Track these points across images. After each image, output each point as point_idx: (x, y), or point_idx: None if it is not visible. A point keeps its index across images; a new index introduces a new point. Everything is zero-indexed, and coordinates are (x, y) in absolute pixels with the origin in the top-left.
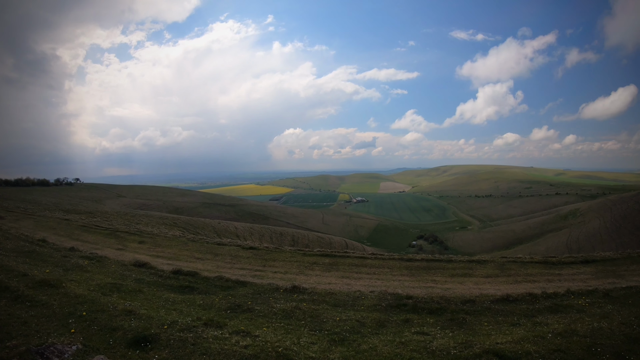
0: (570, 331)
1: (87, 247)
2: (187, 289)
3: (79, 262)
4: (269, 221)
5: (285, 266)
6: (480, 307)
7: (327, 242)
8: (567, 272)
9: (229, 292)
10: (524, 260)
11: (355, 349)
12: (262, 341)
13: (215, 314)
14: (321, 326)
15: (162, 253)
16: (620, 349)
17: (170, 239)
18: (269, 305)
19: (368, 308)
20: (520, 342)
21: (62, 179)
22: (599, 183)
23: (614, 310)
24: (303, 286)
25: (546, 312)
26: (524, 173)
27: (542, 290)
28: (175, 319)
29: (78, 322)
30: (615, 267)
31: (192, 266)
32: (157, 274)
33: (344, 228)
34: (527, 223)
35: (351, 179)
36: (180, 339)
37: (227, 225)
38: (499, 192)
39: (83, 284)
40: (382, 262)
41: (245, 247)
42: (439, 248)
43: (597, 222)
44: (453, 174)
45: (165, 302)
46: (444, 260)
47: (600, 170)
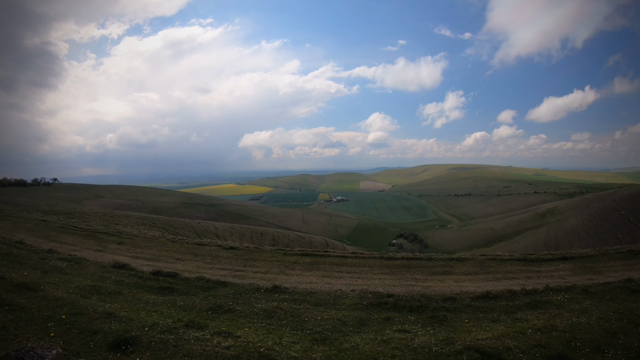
0: (550, 326)
1: (66, 248)
2: (167, 290)
3: (57, 264)
4: (249, 221)
5: (266, 266)
6: (461, 304)
7: (308, 242)
8: (545, 269)
9: (210, 292)
10: (503, 258)
11: (337, 348)
12: (244, 342)
13: (196, 315)
14: (303, 326)
15: (141, 254)
16: (599, 343)
17: (150, 240)
18: (250, 306)
19: (349, 307)
20: (501, 338)
21: (40, 179)
22: (577, 182)
23: (592, 305)
24: (284, 286)
25: (526, 308)
26: (502, 172)
27: (521, 287)
28: (156, 321)
29: (57, 326)
30: (593, 263)
31: (172, 267)
32: (137, 275)
33: (325, 227)
34: (505, 221)
35: (331, 178)
36: (162, 341)
37: (207, 225)
38: (478, 191)
39: (62, 286)
40: (363, 261)
41: (226, 247)
42: (419, 246)
43: (575, 220)
44: (432, 173)
45: (145, 303)
46: (424, 258)
47: (578, 169)
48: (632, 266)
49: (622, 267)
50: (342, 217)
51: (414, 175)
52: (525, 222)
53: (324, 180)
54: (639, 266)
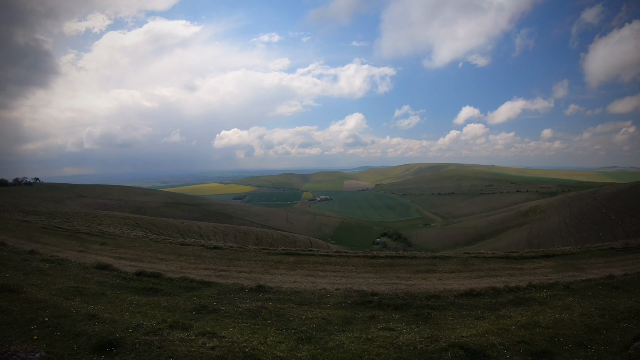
0: (533, 323)
1: (48, 249)
2: (151, 291)
3: (39, 266)
4: (233, 220)
5: (250, 265)
6: (445, 302)
7: (292, 241)
8: (528, 266)
9: (194, 293)
10: (487, 256)
11: (322, 347)
12: (229, 342)
13: (180, 315)
14: (287, 325)
15: (124, 254)
16: (582, 338)
17: (133, 240)
18: (235, 305)
19: (334, 306)
20: (485, 335)
21: (21, 179)
22: (559, 181)
23: (574, 302)
24: (268, 285)
25: (509, 305)
26: (485, 171)
27: (504, 284)
28: (140, 322)
29: (40, 329)
30: (575, 260)
31: (156, 267)
32: (120, 276)
33: (308, 226)
34: (488, 220)
35: (315, 178)
36: (146, 343)
37: (190, 224)
38: (461, 190)
39: (44, 288)
40: (347, 260)
41: (209, 246)
42: (402, 245)
43: (557, 218)
44: (416, 172)
45: (129, 304)
46: (408, 256)
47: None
48: (613, 263)
49: (603, 264)
50: (326, 216)
51: (398, 174)
52: (508, 220)
53: (308, 180)
54: (620, 263)
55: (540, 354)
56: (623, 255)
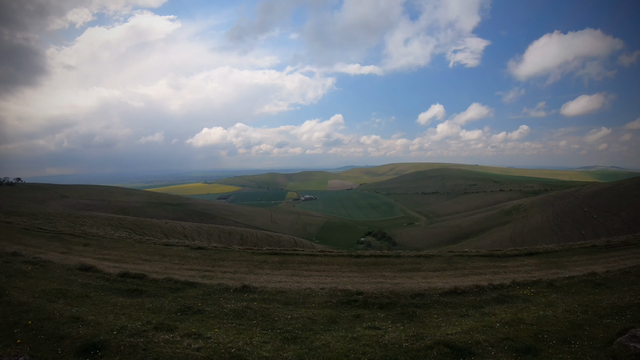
0: (517, 320)
1: (30, 251)
2: (135, 292)
3: (22, 268)
4: (217, 220)
5: (234, 266)
6: (430, 300)
7: (276, 241)
8: (512, 264)
9: (179, 293)
10: (470, 254)
11: (308, 347)
12: (215, 343)
13: (165, 317)
14: (273, 325)
15: (108, 255)
16: (566, 334)
17: (117, 241)
18: (220, 306)
19: (319, 305)
20: (470, 332)
21: (3, 179)
22: (541, 180)
23: (558, 298)
24: (253, 285)
25: (493, 303)
26: (469, 171)
27: (488, 282)
28: (124, 324)
29: (24, 332)
30: (558, 258)
31: (140, 268)
32: (103, 277)
33: (293, 226)
34: (472, 218)
35: (299, 177)
36: (131, 345)
37: (174, 225)
38: (445, 189)
39: (27, 290)
40: (332, 259)
41: (194, 247)
42: (387, 244)
43: (540, 217)
44: (400, 172)
45: (113, 306)
46: (393, 255)
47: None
48: (595, 260)
49: (586, 262)
50: (311, 215)
51: (382, 174)
52: (491, 219)
53: (292, 179)
54: (602, 260)
55: (525, 350)
56: (605, 252)
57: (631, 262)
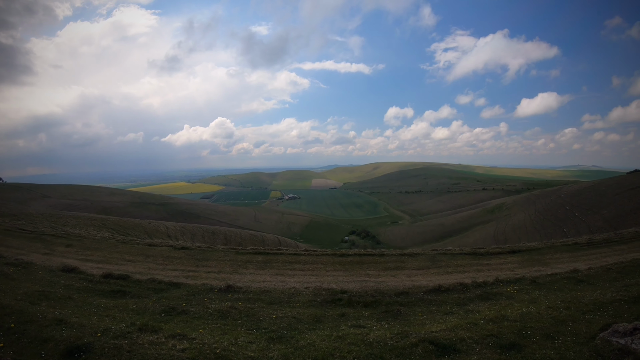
0: (501, 317)
1: (12, 252)
2: (119, 294)
3: (3, 270)
4: (201, 220)
5: (218, 265)
6: (414, 298)
7: (260, 240)
8: (495, 262)
9: (163, 294)
10: (454, 252)
11: (293, 346)
12: (200, 343)
13: (149, 318)
14: (258, 325)
15: (91, 256)
16: (549, 330)
17: (100, 241)
18: (204, 306)
19: (304, 304)
20: (454, 330)
21: None
22: (524, 179)
23: (541, 295)
24: (237, 285)
25: (477, 300)
26: (452, 170)
27: (472, 280)
28: (108, 326)
29: (6, 335)
30: (540, 256)
31: (123, 269)
32: (86, 278)
33: (277, 225)
34: (455, 217)
35: (283, 176)
36: (115, 347)
37: (157, 225)
38: (428, 188)
39: (9, 293)
40: (316, 258)
41: (177, 247)
42: (371, 243)
43: (522, 215)
44: (383, 171)
45: (97, 308)
46: (377, 254)
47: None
48: (577, 258)
49: (568, 259)
50: (294, 214)
51: (365, 173)
52: (474, 217)
53: (276, 178)
54: (584, 258)
55: (509, 346)
56: (587, 250)
57: (612, 259)
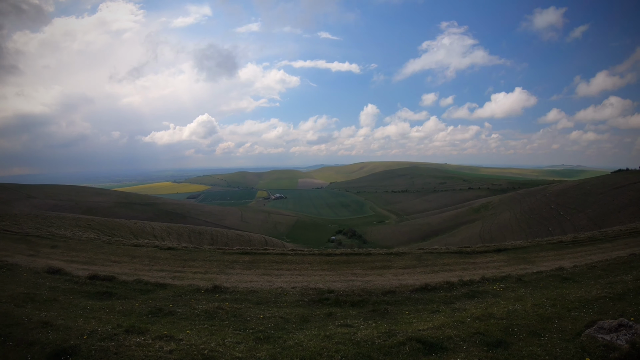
0: (488, 315)
1: None
2: (105, 295)
3: None
4: (187, 220)
5: (205, 266)
6: (401, 297)
7: (247, 240)
8: (481, 260)
9: (149, 295)
10: (440, 251)
11: (281, 346)
12: (187, 344)
13: (136, 319)
14: (245, 325)
15: (76, 257)
16: (535, 327)
17: (85, 242)
18: (191, 307)
19: (291, 304)
20: (441, 328)
21: None
22: (509, 178)
23: (526, 293)
24: (224, 285)
25: (464, 299)
26: (438, 169)
27: (458, 278)
28: (94, 328)
29: None
30: (526, 254)
31: (109, 270)
32: (72, 280)
33: (263, 225)
34: (441, 216)
35: (269, 176)
36: (102, 349)
37: (143, 225)
38: (414, 188)
39: None
40: (303, 258)
41: (164, 247)
42: (357, 242)
43: (508, 214)
44: (370, 170)
45: (83, 310)
46: (363, 253)
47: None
48: (562, 256)
49: (553, 257)
50: (281, 214)
51: (352, 172)
52: (460, 216)
53: (262, 178)
54: (569, 256)
55: (496, 344)
56: (572, 248)
57: (597, 257)
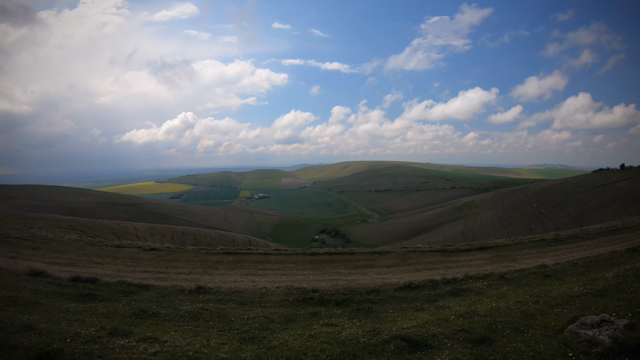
0: (471, 312)
1: None
2: (87, 297)
3: None
4: (170, 220)
5: (188, 266)
6: (385, 296)
7: (230, 240)
8: (464, 258)
9: (132, 297)
10: (424, 250)
11: (266, 346)
12: (171, 346)
13: (119, 321)
14: (230, 326)
15: (58, 259)
16: (518, 324)
17: (67, 243)
18: (175, 308)
19: (275, 304)
20: (426, 326)
21: None
22: (492, 177)
23: (509, 290)
24: (208, 286)
25: (447, 296)
26: (420, 168)
27: (442, 277)
28: (78, 331)
29: None
30: (508, 252)
31: (92, 272)
32: (54, 282)
33: (247, 225)
34: (424, 215)
35: (252, 175)
36: (86, 352)
37: (126, 226)
38: (397, 187)
39: None
40: (286, 258)
41: (146, 248)
42: (341, 241)
43: (491, 213)
44: (353, 170)
45: (65, 312)
46: (347, 252)
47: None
48: (544, 253)
49: (535, 255)
50: (264, 214)
51: (335, 172)
52: (443, 215)
53: (245, 177)
54: (551, 253)
55: (480, 340)
56: (554, 245)
57: (579, 254)
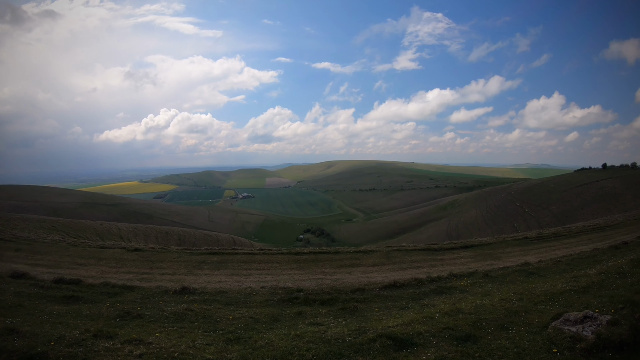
0: (456, 310)
1: None
2: (71, 299)
3: None
4: (154, 220)
5: (173, 267)
6: (370, 295)
7: (215, 240)
8: (448, 257)
9: (117, 298)
10: (408, 248)
11: (252, 346)
12: (157, 348)
13: (104, 323)
14: (215, 326)
15: (41, 261)
16: (503, 321)
17: (50, 245)
18: (160, 309)
19: (260, 304)
20: (411, 324)
21: None
22: (475, 176)
23: (493, 288)
24: (193, 286)
25: (432, 295)
26: (405, 168)
27: (426, 275)
28: (62, 334)
29: None
30: (492, 250)
31: (75, 273)
32: (37, 284)
33: (231, 224)
34: (409, 214)
35: (236, 175)
36: (70, 355)
37: (109, 226)
38: (381, 186)
39: None
40: (271, 257)
41: (130, 249)
42: (326, 240)
43: (474, 212)
44: (337, 169)
45: (49, 315)
46: (332, 252)
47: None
48: (527, 251)
49: (519, 253)
50: (249, 213)
51: (319, 171)
52: (427, 214)
53: (230, 177)
54: (534, 251)
55: (465, 338)
56: (537, 244)
57: (561, 252)
